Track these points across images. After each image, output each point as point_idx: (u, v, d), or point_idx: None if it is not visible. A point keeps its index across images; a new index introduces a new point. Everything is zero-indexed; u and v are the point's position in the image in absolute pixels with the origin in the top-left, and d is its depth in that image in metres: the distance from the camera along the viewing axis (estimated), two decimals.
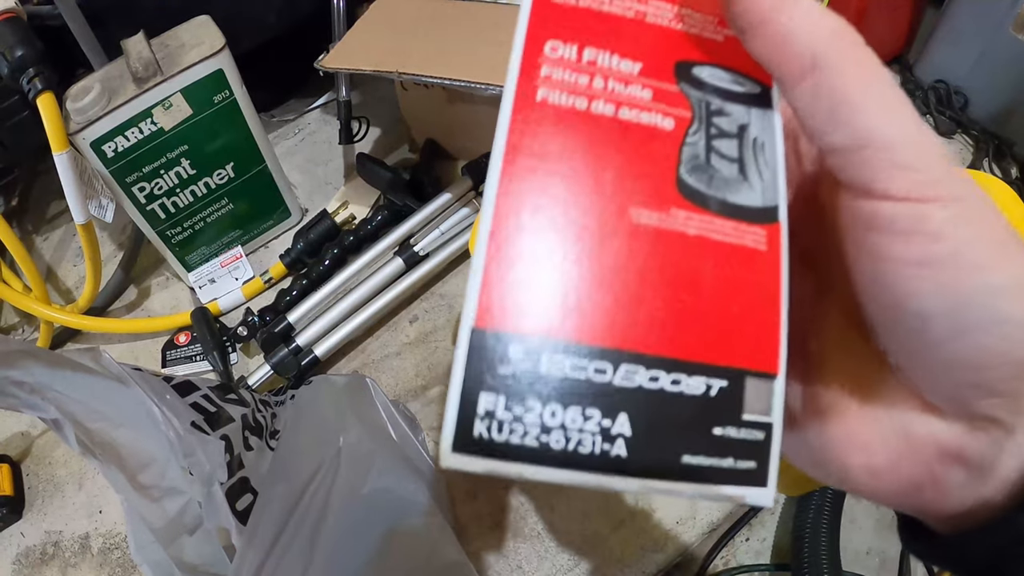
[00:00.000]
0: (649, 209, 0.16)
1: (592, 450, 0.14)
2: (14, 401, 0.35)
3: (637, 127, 0.16)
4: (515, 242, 0.15)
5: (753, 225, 0.16)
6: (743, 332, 0.16)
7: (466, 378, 0.14)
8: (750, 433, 0.15)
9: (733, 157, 0.16)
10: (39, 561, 0.61)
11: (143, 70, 0.60)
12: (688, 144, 0.16)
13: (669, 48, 0.17)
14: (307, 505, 0.45)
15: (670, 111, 0.16)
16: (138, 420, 0.40)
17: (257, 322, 0.65)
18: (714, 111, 0.17)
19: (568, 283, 0.15)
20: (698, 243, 0.16)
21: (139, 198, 0.65)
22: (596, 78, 0.16)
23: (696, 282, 0.16)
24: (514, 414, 0.14)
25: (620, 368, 0.15)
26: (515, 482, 0.58)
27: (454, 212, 0.67)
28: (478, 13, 0.65)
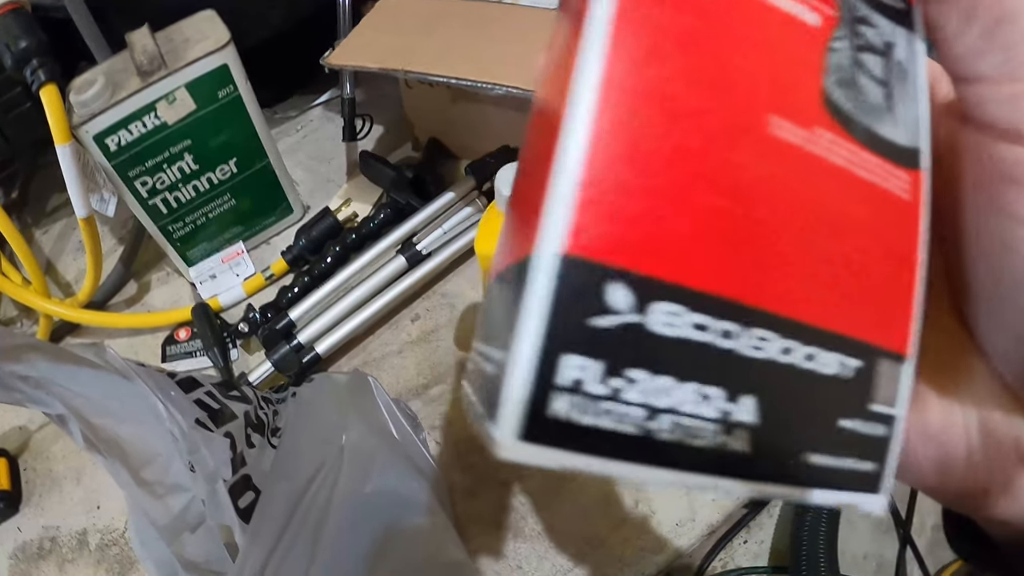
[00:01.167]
0: (792, 122, 0.12)
1: (708, 443, 0.11)
2: (19, 396, 0.35)
3: (777, 12, 0.12)
4: (624, 135, 0.11)
5: (898, 167, 0.13)
6: (879, 300, 0.12)
7: (548, 332, 0.10)
8: (873, 427, 0.13)
9: (880, 78, 0.13)
10: (36, 556, 0.61)
11: (147, 64, 0.60)
12: (834, 50, 0.13)
13: None
14: (309, 503, 0.45)
15: (814, 3, 0.13)
16: (142, 416, 0.40)
17: (259, 319, 0.65)
18: (860, 17, 0.13)
19: (690, 205, 0.11)
20: (841, 176, 0.12)
21: (141, 192, 0.64)
22: None
23: (838, 228, 0.12)
24: (611, 387, 0.10)
25: (751, 332, 0.11)
26: (516, 481, 0.58)
27: (457, 211, 0.67)
28: (485, 12, 0.65)
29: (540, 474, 0.58)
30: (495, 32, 0.62)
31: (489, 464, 0.59)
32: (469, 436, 0.60)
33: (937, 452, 0.16)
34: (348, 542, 0.45)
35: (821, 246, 0.12)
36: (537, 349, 0.10)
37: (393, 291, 0.64)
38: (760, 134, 0.11)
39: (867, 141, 0.13)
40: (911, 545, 0.63)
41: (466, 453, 0.59)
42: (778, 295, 0.11)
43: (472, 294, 0.68)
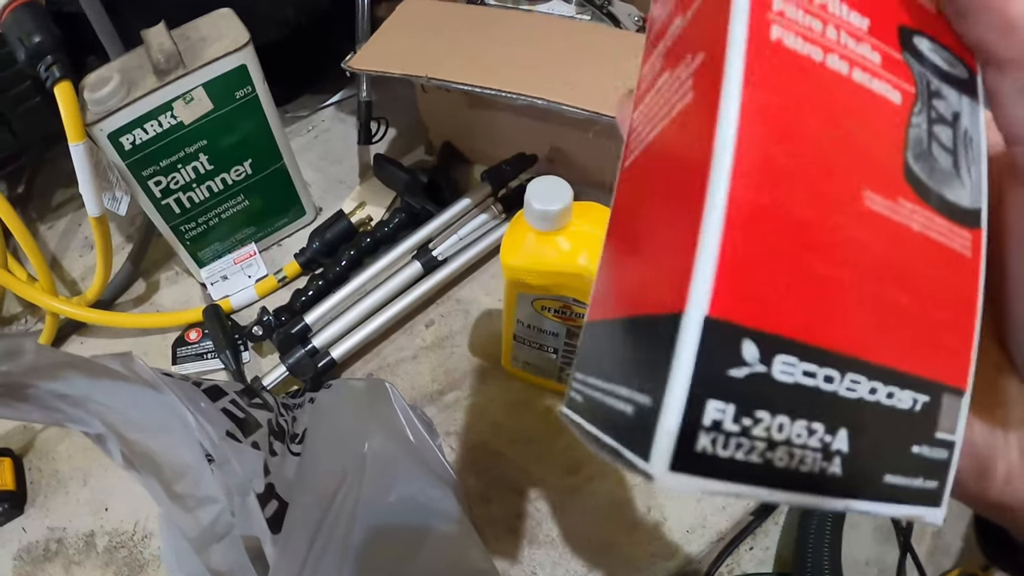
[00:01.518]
0: (881, 195, 0.14)
1: (812, 468, 0.13)
2: (60, 416, 0.34)
3: (869, 94, 0.14)
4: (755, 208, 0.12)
5: (962, 228, 0.15)
6: (944, 344, 0.15)
7: (695, 378, 0.12)
8: (937, 452, 0.15)
9: (949, 148, 0.15)
10: (42, 557, 0.60)
11: (165, 62, 0.59)
12: (913, 125, 0.14)
13: (892, 6, 0.15)
14: (336, 513, 0.45)
15: (898, 82, 0.14)
16: (172, 428, 0.39)
17: (273, 322, 0.65)
18: (934, 92, 0.15)
19: (805, 272, 0.13)
20: (918, 241, 0.14)
21: (155, 192, 0.64)
22: (829, 27, 0.14)
23: (914, 284, 0.14)
24: (743, 426, 0.12)
25: (847, 376, 0.13)
26: (530, 488, 0.58)
27: (473, 217, 0.67)
28: (503, 18, 0.65)
29: (553, 481, 0.58)
30: (513, 39, 0.62)
31: (503, 470, 0.59)
32: (483, 442, 0.61)
33: (978, 467, 0.18)
34: (376, 551, 0.45)
35: (900, 300, 0.14)
36: (686, 395, 0.12)
37: (409, 297, 0.64)
38: (857, 208, 0.13)
39: (938, 206, 0.15)
40: (911, 552, 0.65)
41: (480, 459, 0.60)
42: (867, 344, 0.13)
43: (486, 300, 0.69)
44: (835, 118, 0.13)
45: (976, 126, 0.16)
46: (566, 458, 0.59)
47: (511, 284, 0.51)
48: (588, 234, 0.48)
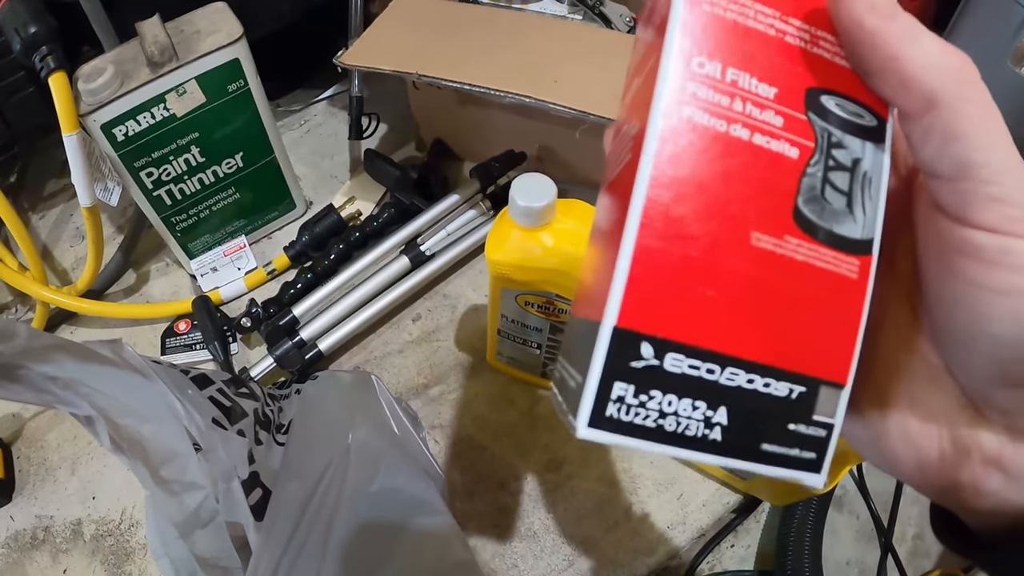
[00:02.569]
0: (767, 234, 0.17)
1: (696, 433, 0.17)
2: (49, 398, 0.35)
3: (766, 153, 0.17)
4: (654, 251, 0.17)
5: (850, 256, 0.18)
6: (825, 347, 0.18)
7: (605, 367, 0.17)
8: (816, 431, 0.18)
9: (844, 190, 0.18)
10: (29, 545, 0.60)
11: (159, 55, 0.60)
12: (808, 175, 0.18)
13: (803, 73, 0.18)
14: (319, 503, 0.46)
15: (797, 140, 0.18)
16: (160, 414, 0.40)
17: (261, 314, 0.65)
18: (834, 143, 0.18)
19: (692, 293, 0.17)
20: (802, 268, 0.18)
21: (146, 183, 0.64)
22: (736, 100, 0.17)
23: (795, 302, 0.18)
24: (640, 400, 0.17)
25: (726, 370, 0.17)
26: (513, 481, 0.59)
27: (461, 213, 0.68)
28: (495, 17, 0.66)
29: (536, 476, 0.59)
30: (505, 38, 0.63)
31: (487, 464, 0.60)
32: (468, 436, 0.61)
33: (916, 453, 0.20)
34: (357, 541, 0.45)
35: (784, 314, 0.18)
36: (599, 378, 0.17)
37: (396, 291, 0.65)
38: (744, 246, 0.17)
39: (826, 240, 0.18)
40: (892, 553, 0.66)
41: (464, 453, 0.60)
42: (746, 346, 0.18)
43: (473, 296, 0.69)
44: (731, 178, 0.17)
45: (878, 167, 0.18)
46: (549, 454, 0.60)
47: (495, 279, 0.51)
48: (571, 231, 0.49)
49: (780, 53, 0.18)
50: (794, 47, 0.18)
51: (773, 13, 0.18)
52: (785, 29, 0.18)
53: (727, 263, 0.17)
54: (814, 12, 0.18)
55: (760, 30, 0.18)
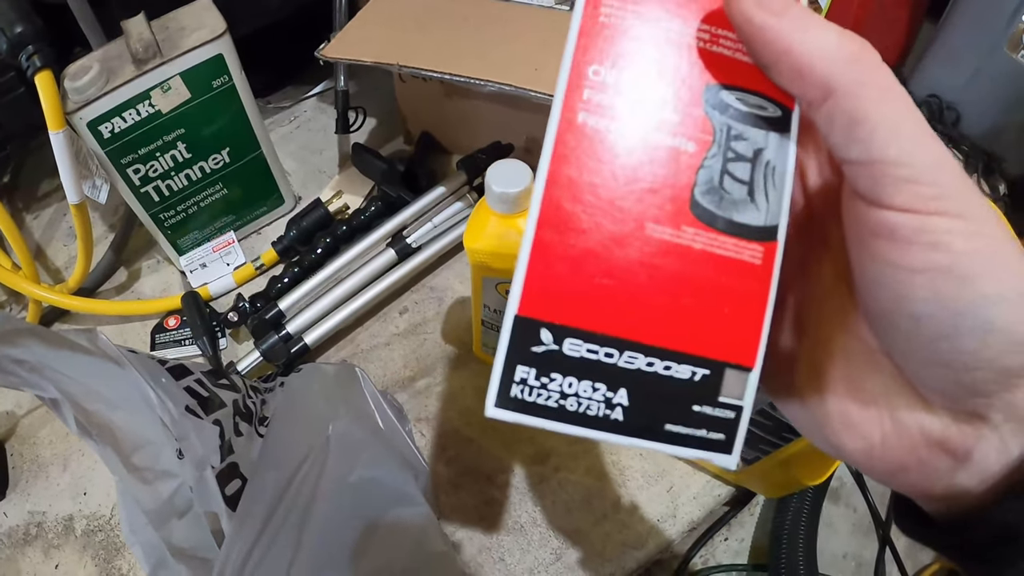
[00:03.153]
0: (663, 225, 0.18)
1: (597, 413, 0.18)
2: (15, 380, 0.35)
3: (663, 148, 0.18)
4: (551, 245, 0.18)
5: (752, 242, 0.19)
6: (729, 331, 0.19)
7: (508, 352, 0.18)
8: (723, 412, 0.19)
9: (744, 180, 0.19)
10: (22, 541, 0.61)
11: (143, 52, 0.60)
12: (705, 167, 0.18)
13: (701, 72, 0.19)
14: (295, 492, 0.46)
15: (694, 134, 0.18)
16: (133, 402, 0.40)
17: (248, 308, 0.65)
18: (734, 135, 0.19)
19: (589, 282, 0.18)
20: (701, 256, 0.18)
21: (134, 180, 0.65)
22: None
23: (695, 288, 0.18)
24: (541, 382, 0.18)
25: (624, 353, 0.18)
26: (500, 474, 0.58)
27: (448, 206, 0.67)
28: (479, 8, 0.66)
29: (523, 469, 0.59)
30: (489, 28, 0.63)
31: (473, 457, 0.59)
32: (454, 429, 0.61)
33: (859, 438, 0.20)
34: (333, 531, 0.45)
35: (681, 300, 0.18)
36: (503, 363, 0.18)
37: (382, 283, 0.65)
38: (640, 237, 0.18)
39: (726, 228, 0.18)
40: (890, 546, 0.64)
41: (451, 446, 0.60)
42: (645, 331, 0.18)
43: (460, 288, 0.69)
44: (625, 174, 0.18)
45: (782, 156, 0.19)
46: (536, 446, 0.59)
47: (476, 268, 0.51)
48: None
49: (679, 55, 0.19)
50: (694, 48, 0.19)
51: (670, 17, 0.19)
52: (683, 30, 0.19)
53: (622, 253, 0.18)
54: (715, 13, 0.19)
55: (659, 35, 0.19)
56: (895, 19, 0.85)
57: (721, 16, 0.19)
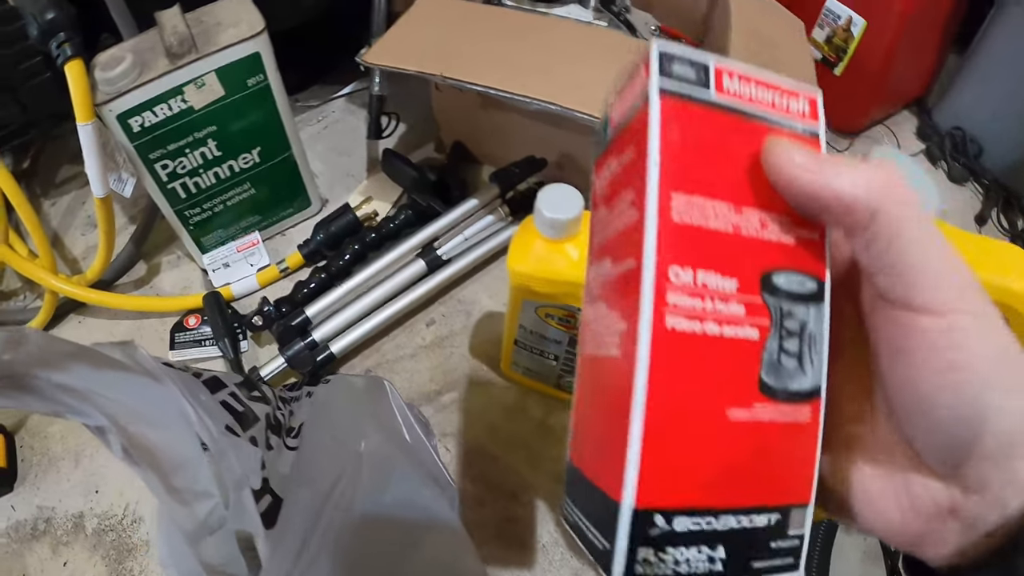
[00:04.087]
0: (740, 408, 0.20)
1: (703, 570, 0.20)
2: (61, 407, 0.34)
3: (733, 341, 0.20)
4: (656, 446, 0.19)
5: (803, 404, 0.21)
6: (791, 478, 0.21)
7: (630, 542, 0.19)
8: (791, 542, 0.21)
9: (795, 352, 0.21)
10: (29, 536, 0.60)
11: (178, 45, 0.59)
12: (767, 350, 0.21)
13: (756, 259, 0.21)
14: (331, 512, 0.45)
15: (756, 322, 0.21)
16: (172, 421, 0.39)
17: (273, 313, 0.64)
18: (785, 314, 0.21)
19: (688, 468, 0.20)
20: (770, 426, 0.21)
21: (161, 175, 0.63)
22: (707, 300, 0.20)
23: (766, 451, 0.21)
24: (659, 557, 0.20)
25: (720, 518, 0.20)
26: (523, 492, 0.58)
27: (480, 218, 0.67)
28: (520, 21, 0.65)
29: (546, 487, 0.58)
30: (529, 41, 0.62)
31: (497, 474, 0.59)
32: (479, 445, 0.60)
33: (880, 515, 0.22)
34: (368, 551, 0.45)
35: (758, 463, 0.21)
36: (626, 551, 0.19)
37: (411, 295, 0.64)
38: (722, 422, 0.20)
39: (785, 398, 0.21)
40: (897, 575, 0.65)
41: (475, 462, 0.60)
42: (734, 496, 0.20)
43: (488, 302, 0.68)
44: (708, 370, 0.20)
45: (820, 323, 0.21)
46: (559, 466, 0.59)
47: (516, 290, 0.51)
48: None
49: (737, 245, 0.20)
50: (749, 238, 0.20)
51: (728, 208, 0.20)
52: (739, 222, 0.20)
53: (713, 440, 0.20)
54: (759, 194, 0.21)
55: (721, 229, 0.20)
56: (925, 49, 0.86)
57: (765, 200, 0.21)
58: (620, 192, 0.22)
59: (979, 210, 0.82)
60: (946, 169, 0.86)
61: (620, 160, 0.22)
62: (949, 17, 0.82)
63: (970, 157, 0.85)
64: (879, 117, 0.91)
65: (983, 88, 0.84)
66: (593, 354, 0.23)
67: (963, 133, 0.86)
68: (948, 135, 0.86)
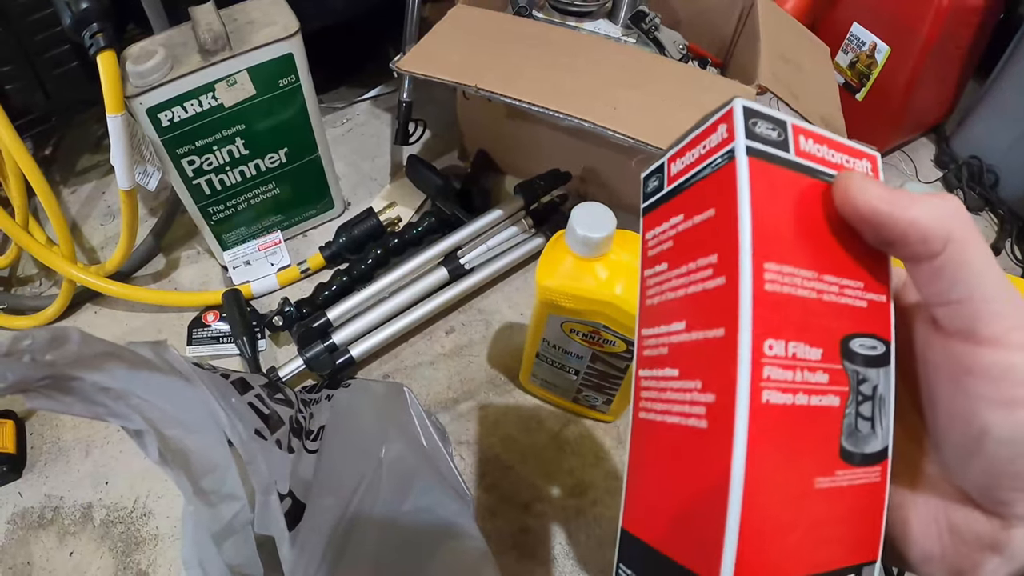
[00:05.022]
0: (824, 476, 0.20)
1: None
2: (102, 410, 0.34)
3: (819, 409, 0.20)
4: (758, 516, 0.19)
5: (876, 465, 0.21)
6: (863, 538, 0.21)
7: None
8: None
9: (868, 416, 0.21)
10: (36, 524, 0.59)
11: (212, 42, 0.59)
12: (846, 416, 0.20)
13: (836, 325, 0.21)
14: (352, 519, 0.45)
15: (837, 389, 0.20)
16: (203, 423, 0.39)
17: (294, 313, 0.64)
18: (860, 380, 0.21)
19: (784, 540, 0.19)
20: (849, 490, 0.21)
21: (187, 171, 0.63)
22: (797, 371, 0.19)
23: (843, 516, 0.21)
24: None
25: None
26: (536, 504, 0.58)
27: (503, 229, 0.67)
28: (553, 35, 0.65)
29: (560, 500, 0.59)
30: (561, 57, 0.62)
31: (511, 485, 0.59)
32: (495, 455, 0.61)
33: (920, 550, 0.23)
34: (388, 560, 0.45)
35: (840, 526, 0.20)
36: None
37: (433, 302, 0.64)
38: (810, 491, 0.20)
39: (860, 462, 0.21)
40: None
41: (490, 472, 0.60)
42: (824, 561, 0.20)
43: (508, 312, 0.69)
44: (797, 441, 0.19)
45: (888, 385, 0.21)
46: (574, 478, 0.59)
47: (543, 304, 0.51)
48: (626, 264, 0.48)
49: (821, 313, 0.20)
50: (829, 303, 0.20)
51: (813, 275, 0.20)
52: (822, 288, 0.20)
53: (801, 511, 0.20)
54: (836, 258, 0.21)
55: (807, 296, 0.20)
56: (946, 77, 0.86)
57: (842, 264, 0.21)
58: (695, 253, 0.21)
59: (993, 240, 0.83)
60: (962, 198, 0.87)
61: (692, 219, 0.21)
62: (972, 46, 0.82)
63: (986, 187, 0.85)
64: (898, 143, 0.92)
65: (1002, 118, 0.84)
66: (660, 420, 0.23)
67: (980, 162, 0.86)
68: (965, 164, 0.87)
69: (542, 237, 0.68)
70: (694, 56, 0.76)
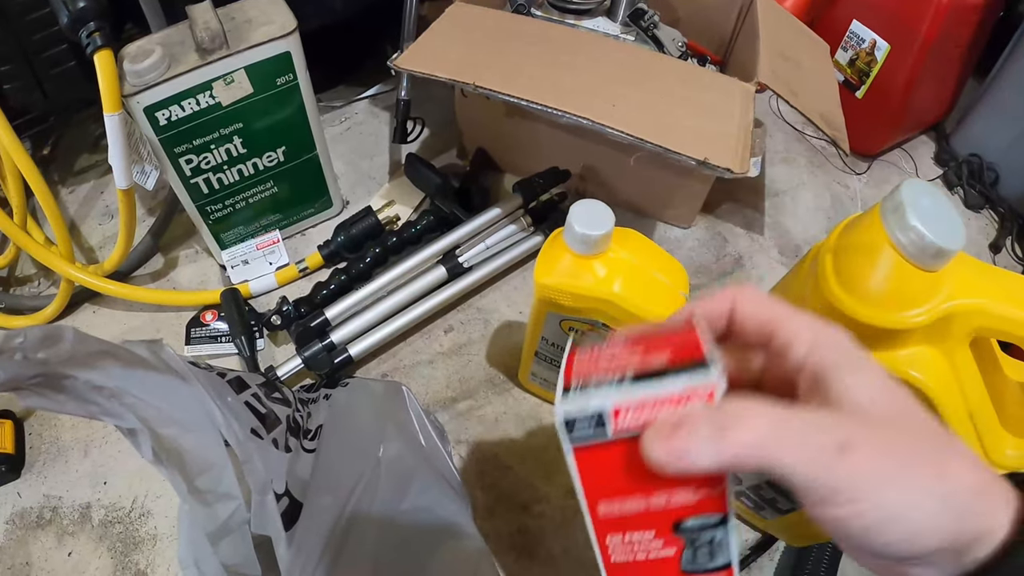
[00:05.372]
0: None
1: None
2: (95, 409, 0.34)
3: (658, 560, 0.26)
4: None
5: (720, 571, 0.27)
6: None
7: None
8: None
9: (707, 552, 0.26)
10: (35, 524, 0.59)
11: (209, 41, 0.58)
12: (684, 557, 0.26)
13: (667, 516, 0.26)
14: (350, 519, 0.45)
15: (672, 546, 0.26)
16: (199, 423, 0.39)
17: (292, 313, 0.64)
18: (695, 537, 0.26)
19: None
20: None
21: (185, 170, 0.63)
22: (634, 545, 0.26)
23: None
24: None
25: None
26: (534, 504, 0.58)
27: (502, 227, 0.67)
28: (551, 33, 0.65)
29: (558, 500, 0.58)
30: (560, 55, 0.62)
31: (509, 484, 0.59)
32: (493, 455, 0.60)
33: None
34: (387, 562, 0.45)
35: None
36: None
37: (431, 301, 0.64)
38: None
39: (704, 571, 0.27)
40: None
41: (488, 471, 0.60)
42: None
43: (507, 311, 0.68)
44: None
45: (726, 534, 0.26)
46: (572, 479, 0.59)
47: (541, 302, 0.51)
48: (625, 262, 0.48)
49: (652, 513, 0.26)
50: (658, 509, 0.26)
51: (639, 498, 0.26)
52: (648, 504, 0.26)
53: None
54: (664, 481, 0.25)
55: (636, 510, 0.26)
56: (946, 75, 0.86)
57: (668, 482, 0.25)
58: None
59: (994, 238, 0.82)
60: (962, 196, 0.86)
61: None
62: (972, 44, 0.82)
63: (986, 184, 0.85)
64: (898, 141, 0.92)
65: (1001, 116, 0.84)
66: None
67: (980, 160, 0.86)
68: (965, 161, 0.87)
69: (541, 235, 0.68)
70: (693, 54, 0.76)
